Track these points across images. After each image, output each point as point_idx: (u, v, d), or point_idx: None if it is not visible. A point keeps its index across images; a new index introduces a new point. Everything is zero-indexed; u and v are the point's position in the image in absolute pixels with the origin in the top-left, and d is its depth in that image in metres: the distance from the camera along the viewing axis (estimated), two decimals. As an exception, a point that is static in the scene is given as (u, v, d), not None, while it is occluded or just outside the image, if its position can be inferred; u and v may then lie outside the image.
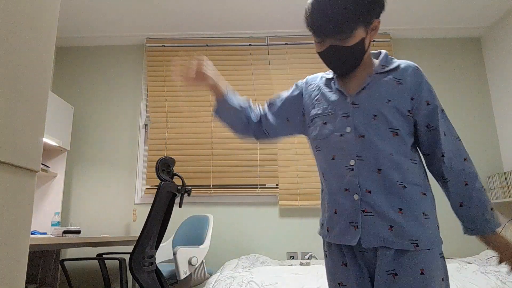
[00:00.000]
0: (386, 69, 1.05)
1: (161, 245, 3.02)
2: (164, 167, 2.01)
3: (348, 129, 1.01)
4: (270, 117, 1.19)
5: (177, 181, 2.08)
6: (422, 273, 0.91)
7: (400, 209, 0.95)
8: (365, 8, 0.97)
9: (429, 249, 0.95)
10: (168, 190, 1.97)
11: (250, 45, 3.66)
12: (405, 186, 0.96)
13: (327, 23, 0.96)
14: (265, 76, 3.59)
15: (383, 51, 1.10)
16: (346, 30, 0.97)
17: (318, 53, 1.05)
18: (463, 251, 3.18)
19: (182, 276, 2.33)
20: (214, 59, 3.65)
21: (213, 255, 3.15)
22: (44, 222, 3.07)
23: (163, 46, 3.69)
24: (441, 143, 1.02)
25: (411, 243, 0.94)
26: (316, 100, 1.11)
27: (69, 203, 3.41)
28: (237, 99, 1.19)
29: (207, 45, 3.68)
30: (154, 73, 3.63)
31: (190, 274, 2.42)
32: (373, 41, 3.77)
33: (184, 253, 2.40)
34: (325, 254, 1.08)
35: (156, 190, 1.92)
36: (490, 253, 2.82)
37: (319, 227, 1.11)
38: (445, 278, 0.97)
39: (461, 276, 2.06)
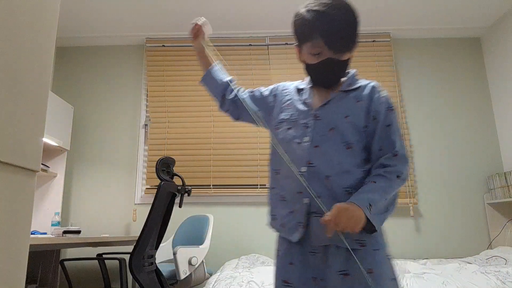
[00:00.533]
0: (350, 88, 1.14)
1: (161, 245, 3.02)
2: (164, 167, 2.01)
3: (306, 139, 1.09)
4: (248, 102, 1.28)
5: (177, 181, 2.08)
6: (370, 272, 0.98)
7: None
8: (358, 33, 1.09)
9: (376, 249, 1.02)
10: (168, 190, 1.98)
11: (250, 45, 3.66)
12: (351, 192, 1.03)
13: (346, 38, 1.05)
14: (265, 76, 3.59)
15: (352, 71, 1.18)
16: (352, 45, 1.08)
17: (310, 65, 1.12)
18: (463, 251, 3.18)
19: (182, 276, 2.33)
20: (214, 59, 3.64)
21: (213, 255, 3.15)
22: (44, 222, 3.07)
23: (163, 46, 3.68)
24: (374, 156, 1.09)
25: (357, 243, 1.01)
26: (287, 105, 1.20)
27: (69, 203, 3.41)
28: (221, 74, 1.32)
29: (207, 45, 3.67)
30: (154, 73, 3.62)
31: (190, 274, 2.42)
32: (372, 41, 3.78)
33: (184, 253, 2.40)
34: (276, 253, 1.15)
35: (156, 190, 1.92)
36: (490, 253, 2.82)
37: (270, 220, 1.17)
38: (395, 279, 1.02)
39: (461, 276, 2.06)
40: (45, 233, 2.71)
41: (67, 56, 3.73)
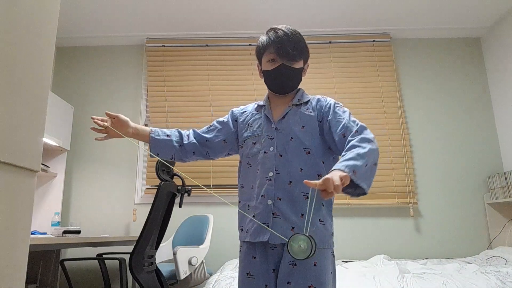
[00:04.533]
0: (301, 102, 1.34)
1: (161, 245, 3.02)
2: (164, 167, 2.01)
3: (272, 148, 1.27)
4: (209, 139, 1.42)
5: (177, 181, 2.08)
6: (315, 265, 1.16)
7: (302, 215, 1.19)
8: (307, 50, 1.35)
9: (322, 247, 1.19)
10: (168, 190, 1.98)
11: (250, 45, 3.66)
12: (307, 197, 1.20)
13: (294, 49, 1.28)
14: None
15: (301, 89, 1.39)
16: (300, 56, 1.31)
17: (268, 71, 1.31)
18: (463, 251, 3.18)
19: (182, 276, 2.33)
20: (214, 59, 3.65)
21: (213, 255, 3.15)
22: (44, 222, 3.07)
23: (163, 46, 3.68)
24: (341, 145, 1.20)
25: None
26: (248, 124, 1.37)
27: (69, 203, 3.41)
28: (163, 131, 1.40)
29: (207, 45, 3.68)
30: (154, 73, 3.62)
31: (190, 274, 2.42)
32: (373, 41, 3.78)
33: (184, 253, 2.41)
34: (240, 248, 1.31)
35: (156, 190, 1.92)
36: (490, 253, 2.82)
37: (239, 233, 1.32)
38: (333, 272, 1.23)
39: (461, 276, 2.06)
40: (45, 233, 2.71)
41: (67, 56, 3.73)
